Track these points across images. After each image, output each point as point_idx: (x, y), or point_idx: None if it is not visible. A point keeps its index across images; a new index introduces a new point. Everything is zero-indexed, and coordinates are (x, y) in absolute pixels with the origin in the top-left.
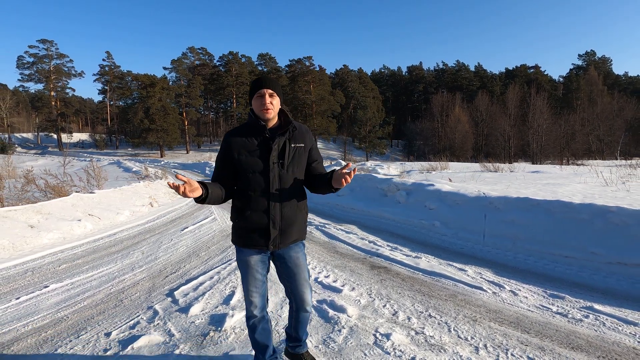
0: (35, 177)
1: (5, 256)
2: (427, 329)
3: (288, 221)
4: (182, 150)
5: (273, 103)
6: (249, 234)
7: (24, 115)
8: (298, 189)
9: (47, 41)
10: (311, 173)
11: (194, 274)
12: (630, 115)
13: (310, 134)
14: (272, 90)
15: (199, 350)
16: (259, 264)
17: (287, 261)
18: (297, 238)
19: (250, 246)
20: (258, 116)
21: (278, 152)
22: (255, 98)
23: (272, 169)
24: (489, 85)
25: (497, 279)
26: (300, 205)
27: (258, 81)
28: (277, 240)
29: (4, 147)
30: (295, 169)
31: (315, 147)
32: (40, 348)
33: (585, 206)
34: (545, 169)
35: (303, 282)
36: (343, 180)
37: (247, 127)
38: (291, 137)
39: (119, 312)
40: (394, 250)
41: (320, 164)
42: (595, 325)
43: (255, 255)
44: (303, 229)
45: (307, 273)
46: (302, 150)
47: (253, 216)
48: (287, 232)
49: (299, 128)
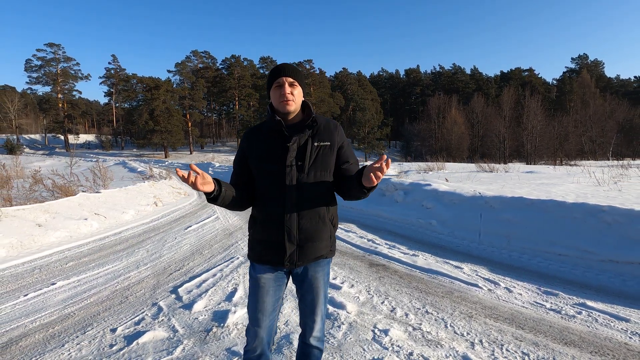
0: (42, 177)
1: (13, 254)
2: (424, 325)
3: (308, 235)
4: (185, 151)
5: (294, 94)
6: (262, 248)
7: (31, 117)
8: (323, 196)
9: (54, 45)
10: (342, 177)
11: (198, 271)
12: (621, 117)
13: (341, 131)
14: (292, 78)
15: (202, 346)
16: (271, 284)
17: (303, 282)
18: (323, 255)
19: (263, 262)
20: (276, 109)
21: (297, 152)
22: (273, 89)
23: (289, 172)
24: (484, 87)
25: (493, 276)
26: (326, 216)
27: (276, 69)
28: (295, 257)
29: (13, 148)
30: (318, 173)
31: (347, 146)
32: (47, 344)
33: (578, 205)
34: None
35: (315, 309)
36: (373, 176)
37: (264, 126)
38: (314, 133)
39: (125, 309)
40: (392, 249)
41: (355, 166)
42: (588, 321)
43: (268, 273)
44: (329, 244)
45: (325, 300)
46: (328, 150)
47: (266, 228)
48: (306, 248)
49: (324, 123)
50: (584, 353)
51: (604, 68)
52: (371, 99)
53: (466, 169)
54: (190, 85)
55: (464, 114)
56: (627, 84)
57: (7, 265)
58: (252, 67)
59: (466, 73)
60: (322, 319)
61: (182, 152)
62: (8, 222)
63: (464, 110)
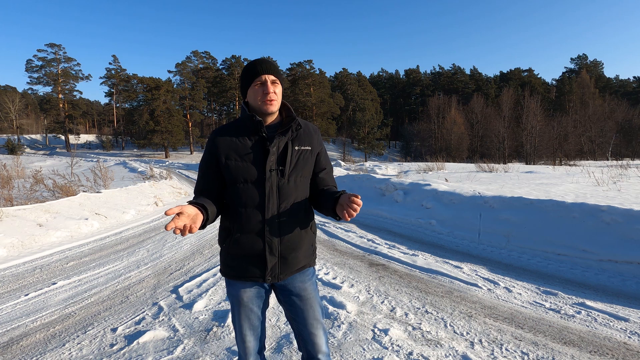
0: (43, 177)
1: (14, 254)
2: (424, 324)
3: (290, 245)
4: (186, 151)
5: (276, 92)
6: (240, 263)
7: (32, 117)
8: (303, 203)
9: (55, 45)
10: (317, 186)
11: (198, 271)
12: (620, 117)
13: (319, 135)
14: (274, 76)
15: (203, 345)
16: (254, 301)
17: (291, 294)
18: (305, 264)
19: (242, 278)
20: (256, 110)
21: (277, 156)
22: (252, 87)
23: (269, 177)
24: (484, 88)
25: (492, 276)
26: (307, 224)
27: (254, 65)
28: (277, 269)
29: (13, 148)
30: (299, 178)
31: (324, 152)
32: (48, 343)
33: (578, 205)
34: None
35: (313, 321)
36: (345, 213)
37: (238, 124)
38: (294, 137)
39: (125, 308)
40: (391, 248)
41: (330, 174)
42: (587, 321)
43: (249, 289)
44: (311, 253)
45: (320, 309)
46: (309, 155)
47: (244, 240)
48: (289, 259)
49: (304, 126)
50: (583, 352)
51: (603, 68)
52: (371, 99)
53: (466, 169)
54: (190, 86)
55: (463, 114)
56: (627, 84)
57: (8, 264)
58: None
59: (466, 73)
60: (324, 331)
61: (182, 152)
62: (9, 221)
63: (463, 111)
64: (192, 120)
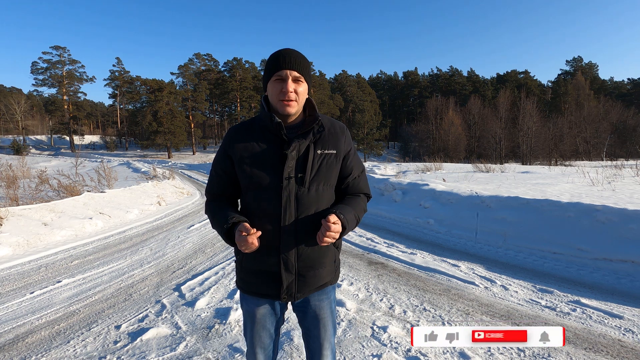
0: (48, 177)
1: (20, 252)
2: (422, 321)
3: (309, 262)
4: (188, 152)
5: (298, 92)
6: (255, 278)
7: (37, 118)
8: (325, 214)
9: (60, 48)
10: (343, 193)
11: (200, 269)
12: (615, 118)
13: (349, 136)
14: (298, 72)
15: (205, 342)
16: (267, 318)
17: (306, 314)
18: (326, 282)
19: (256, 294)
20: (274, 108)
21: (296, 162)
22: (272, 82)
23: (287, 185)
24: (481, 89)
25: (489, 274)
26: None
27: (278, 57)
28: (293, 288)
29: (19, 148)
30: (321, 186)
31: (352, 155)
32: (53, 340)
33: (573, 205)
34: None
35: (323, 342)
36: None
37: (256, 123)
38: (317, 139)
39: (129, 306)
40: (390, 247)
41: (358, 180)
42: (582, 318)
43: (263, 306)
44: (333, 270)
45: (333, 330)
46: (333, 160)
47: (258, 254)
48: (307, 277)
49: (330, 126)
50: (578, 349)
51: (598, 70)
52: (370, 101)
53: (463, 169)
54: (193, 87)
55: (461, 116)
56: (621, 86)
57: (14, 263)
58: (254, 70)
59: (463, 75)
60: (333, 352)
61: (185, 153)
62: (15, 221)
63: (461, 112)
64: (195, 122)
